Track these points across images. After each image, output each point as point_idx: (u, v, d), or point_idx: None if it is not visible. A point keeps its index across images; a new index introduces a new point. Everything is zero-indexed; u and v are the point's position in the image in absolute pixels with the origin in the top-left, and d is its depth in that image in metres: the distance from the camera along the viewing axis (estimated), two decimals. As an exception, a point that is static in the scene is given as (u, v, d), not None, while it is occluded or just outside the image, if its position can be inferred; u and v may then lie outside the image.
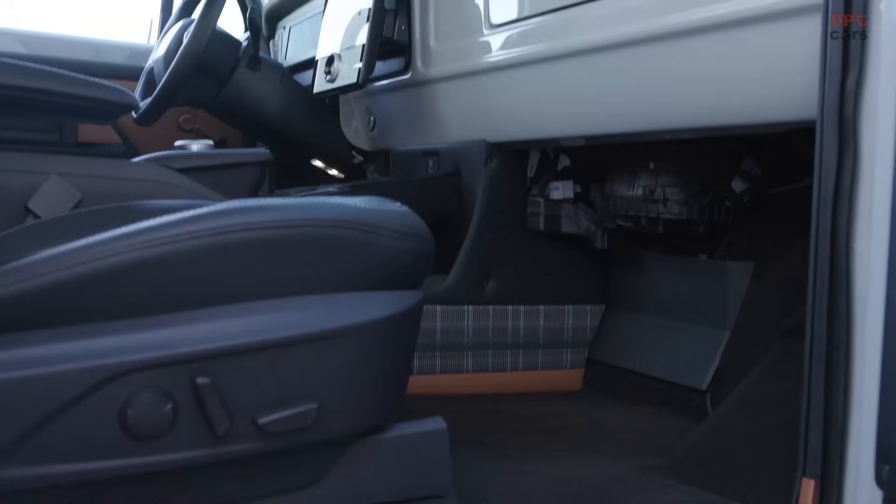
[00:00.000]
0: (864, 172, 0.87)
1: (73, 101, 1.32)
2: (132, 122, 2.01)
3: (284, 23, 2.46)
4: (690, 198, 1.44)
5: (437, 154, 1.77)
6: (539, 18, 1.39)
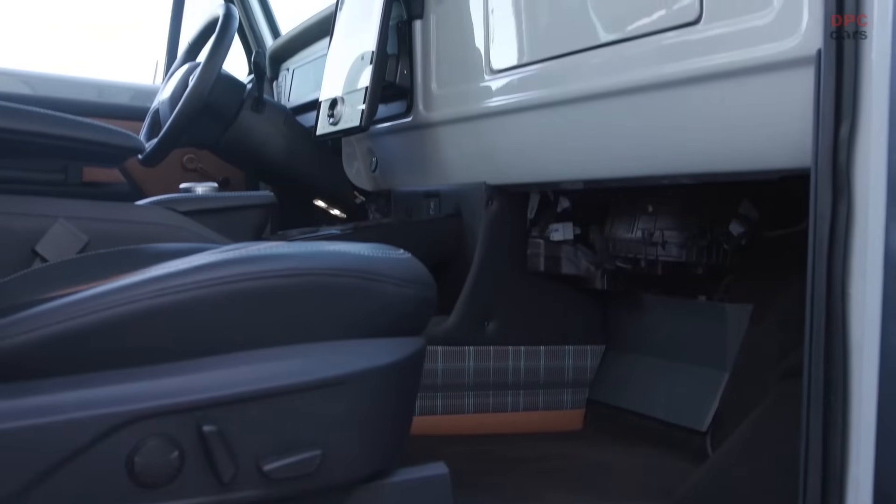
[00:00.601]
0: (859, 219, 0.89)
1: (80, 144, 1.34)
2: (137, 163, 2.04)
3: (288, 64, 2.50)
4: (689, 241, 1.45)
5: (438, 195, 1.79)
6: (539, 65, 1.42)
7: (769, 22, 1.03)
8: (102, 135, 1.34)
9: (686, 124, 1.18)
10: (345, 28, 1.88)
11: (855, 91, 0.90)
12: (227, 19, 1.92)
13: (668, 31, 1.17)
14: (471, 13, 1.60)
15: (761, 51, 1.03)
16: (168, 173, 2.34)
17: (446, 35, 1.68)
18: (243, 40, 2.65)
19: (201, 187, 1.61)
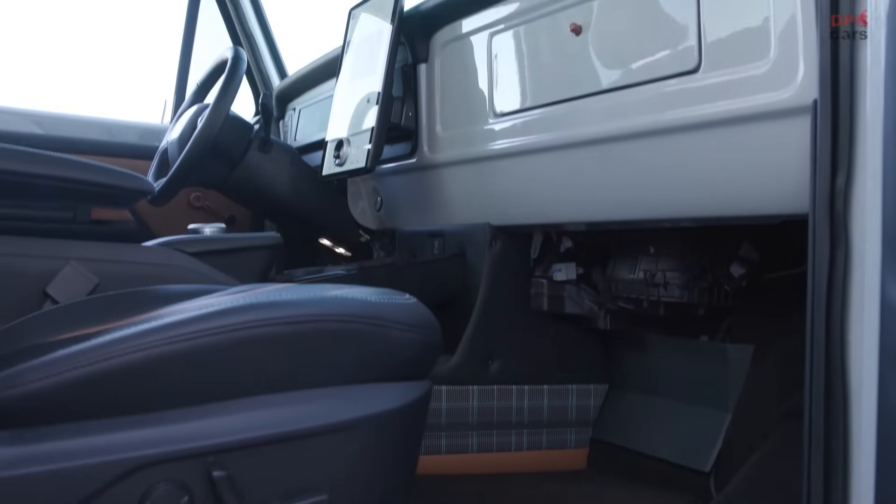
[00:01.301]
0: (856, 266, 0.91)
1: (92, 187, 1.37)
2: (146, 201, 2.06)
3: (294, 104, 2.53)
4: (690, 282, 1.47)
5: (442, 235, 1.81)
6: (542, 109, 1.45)
7: (766, 72, 1.05)
8: (114, 178, 1.36)
9: (686, 170, 1.20)
10: (351, 70, 1.92)
11: (851, 141, 0.92)
12: (236, 62, 1.95)
13: (667, 78, 1.20)
14: (474, 58, 1.63)
15: (759, 100, 1.06)
16: (175, 211, 2.36)
17: (451, 79, 1.71)
18: (251, 82, 2.70)
19: (209, 228, 1.64)
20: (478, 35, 1.61)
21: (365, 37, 1.88)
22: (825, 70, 0.93)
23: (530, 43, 1.49)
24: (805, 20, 1.00)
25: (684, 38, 1.17)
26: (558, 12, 1.40)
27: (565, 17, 1.38)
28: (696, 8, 1.15)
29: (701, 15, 1.14)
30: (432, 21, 1.73)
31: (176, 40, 2.74)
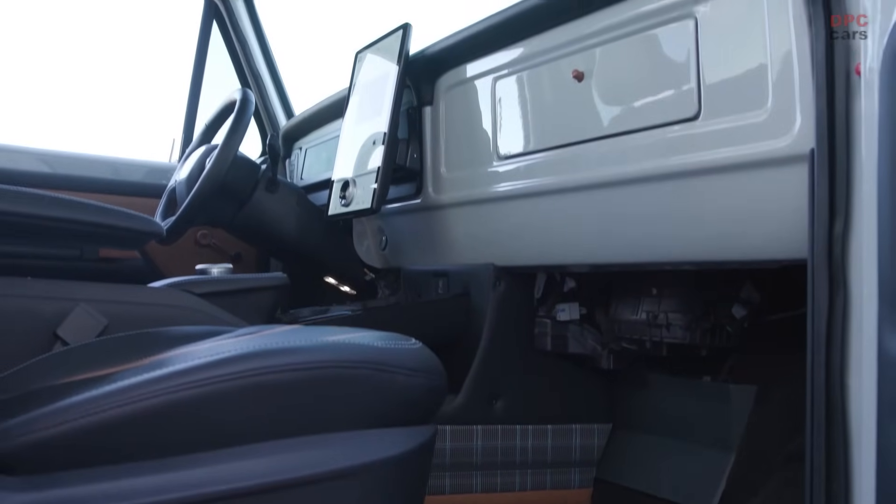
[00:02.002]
0: (854, 313, 0.92)
1: (103, 230, 1.39)
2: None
3: (300, 144, 2.57)
4: (692, 323, 1.49)
5: (446, 275, 1.83)
6: (545, 153, 1.47)
7: (764, 120, 1.08)
8: (124, 220, 1.38)
9: (688, 214, 1.22)
10: (357, 112, 1.95)
11: (848, 188, 0.94)
12: (245, 104, 1.99)
13: (668, 125, 1.22)
14: (479, 101, 1.66)
15: (758, 147, 1.08)
16: (182, 248, 2.39)
17: (455, 121, 1.74)
18: (258, 121, 2.74)
19: (217, 269, 1.66)
20: (482, 79, 1.65)
21: (371, 79, 1.92)
22: (822, 120, 0.96)
23: (533, 88, 1.52)
24: (801, 71, 1.02)
25: (684, 85, 1.19)
26: (560, 59, 1.43)
27: (567, 64, 1.41)
28: (695, 56, 1.18)
29: (700, 63, 1.17)
30: (437, 65, 1.76)
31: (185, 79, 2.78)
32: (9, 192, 1.32)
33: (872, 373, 0.85)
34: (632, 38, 1.29)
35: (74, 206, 1.40)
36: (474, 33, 1.62)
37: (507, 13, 1.52)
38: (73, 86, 3.49)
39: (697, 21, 1.18)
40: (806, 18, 1.00)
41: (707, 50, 1.17)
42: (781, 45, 1.05)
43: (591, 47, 1.37)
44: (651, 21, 1.25)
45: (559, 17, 1.42)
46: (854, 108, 0.93)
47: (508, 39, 1.55)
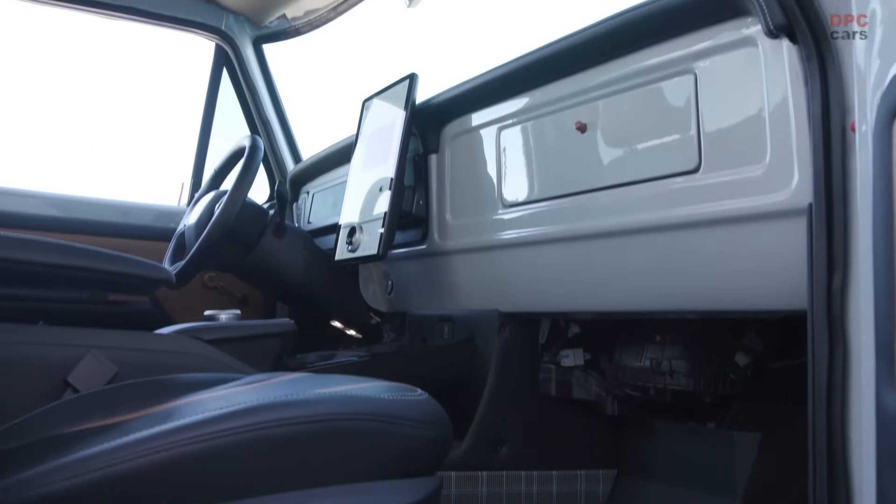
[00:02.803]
0: (854, 365, 0.94)
1: (114, 277, 1.41)
2: (160, 283, 2.11)
3: (307, 188, 2.60)
4: (696, 370, 1.50)
5: (452, 320, 1.84)
6: (550, 202, 1.50)
7: (762, 174, 1.10)
8: (136, 268, 1.41)
9: (690, 265, 1.24)
10: (364, 159, 1.98)
11: (846, 243, 0.96)
12: (254, 151, 2.02)
13: (670, 177, 1.25)
14: (484, 150, 1.69)
15: (757, 201, 1.11)
16: (189, 291, 2.40)
17: (461, 169, 1.77)
18: (267, 167, 2.77)
19: (225, 315, 1.68)
20: (487, 128, 1.68)
21: (378, 127, 1.96)
22: (819, 176, 0.98)
23: (537, 138, 1.55)
24: (798, 127, 1.05)
25: (685, 139, 1.22)
26: (564, 110, 1.46)
27: (570, 115, 1.44)
28: (695, 111, 1.21)
29: (700, 118, 1.20)
30: (443, 114, 1.80)
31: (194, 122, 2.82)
32: (18, 240, 1.35)
33: (871, 430, 0.86)
34: (633, 91, 1.32)
35: (86, 254, 1.42)
36: (479, 84, 1.65)
37: (511, 66, 1.55)
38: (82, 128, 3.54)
39: (697, 76, 1.21)
40: (802, 76, 1.02)
41: (707, 105, 1.19)
42: (778, 102, 1.08)
43: (594, 100, 1.40)
44: (652, 76, 1.28)
45: (562, 70, 1.46)
46: (850, 165, 0.96)
47: (513, 91, 1.59)
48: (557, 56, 1.45)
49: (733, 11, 1.13)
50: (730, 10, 1.13)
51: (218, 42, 2.73)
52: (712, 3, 1.14)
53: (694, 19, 1.19)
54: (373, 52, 3.43)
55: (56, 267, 1.39)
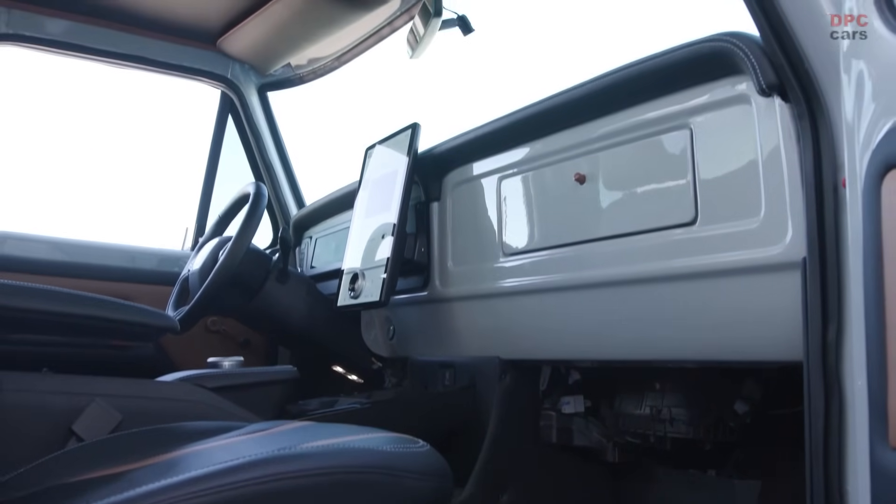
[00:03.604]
0: (850, 418, 0.95)
1: (121, 325, 1.43)
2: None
3: (310, 233, 2.63)
4: (695, 418, 1.51)
5: (453, 366, 1.85)
6: (550, 251, 1.52)
7: (757, 228, 1.13)
8: (142, 316, 1.43)
9: (687, 315, 1.26)
10: (366, 206, 2.01)
11: (840, 296, 0.98)
12: (258, 198, 2.05)
13: (667, 229, 1.27)
14: (485, 199, 1.72)
15: (752, 254, 1.13)
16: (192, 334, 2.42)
17: (462, 217, 1.80)
18: (270, 213, 2.81)
19: (228, 361, 1.69)
20: (488, 178, 1.71)
21: (380, 175, 1.99)
22: (812, 231, 1.00)
23: (538, 188, 1.58)
24: (791, 182, 1.08)
25: (682, 191, 1.25)
26: (563, 161, 1.49)
27: (570, 167, 1.47)
28: (691, 164, 1.23)
29: (696, 171, 1.23)
30: (445, 162, 1.83)
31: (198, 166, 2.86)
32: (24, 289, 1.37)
33: (867, 480, 0.88)
34: (631, 144, 1.35)
35: (92, 303, 1.44)
36: (480, 135, 1.68)
37: (512, 117, 1.58)
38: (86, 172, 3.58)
39: (693, 131, 1.24)
40: (794, 134, 1.05)
41: (703, 159, 1.22)
42: (772, 157, 1.11)
43: (593, 152, 1.43)
44: (649, 129, 1.31)
45: (562, 123, 1.49)
46: (842, 220, 0.98)
47: (513, 141, 1.62)
48: (557, 109, 1.48)
49: (727, 70, 1.16)
50: (724, 69, 1.16)
51: (224, 90, 2.78)
52: (706, 62, 1.18)
53: (689, 76, 1.22)
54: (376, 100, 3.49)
55: (62, 315, 1.42)
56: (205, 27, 2.56)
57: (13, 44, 2.42)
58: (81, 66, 2.66)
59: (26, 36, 2.41)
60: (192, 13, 2.49)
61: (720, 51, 1.13)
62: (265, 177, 2.78)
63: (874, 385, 0.83)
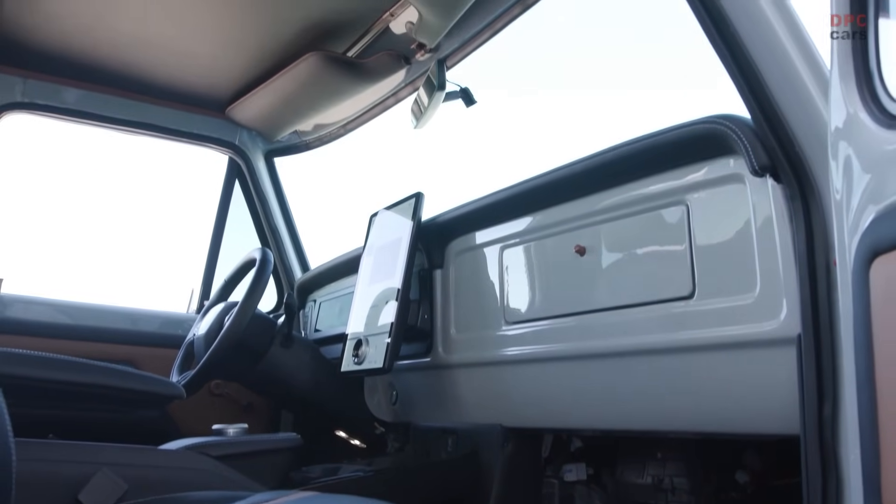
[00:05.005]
0: (846, 491, 0.97)
1: (128, 394, 1.45)
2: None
3: (315, 296, 2.65)
4: (697, 488, 1.51)
5: (455, 433, 1.86)
6: (551, 320, 1.54)
7: (752, 304, 1.15)
8: (149, 384, 1.45)
9: (686, 387, 1.27)
10: (370, 272, 2.04)
11: (835, 372, 1.00)
12: (264, 265, 2.09)
13: (665, 302, 1.30)
14: (487, 267, 1.75)
15: (748, 329, 1.15)
16: (195, 397, 2.43)
17: (465, 285, 1.83)
18: (275, 277, 2.84)
19: (232, 429, 1.71)
20: (490, 247, 1.74)
21: (385, 242, 2.02)
22: (806, 309, 1.03)
23: (539, 258, 1.61)
24: (784, 259, 1.11)
25: (679, 265, 1.28)
26: (564, 233, 1.53)
27: (570, 238, 1.50)
28: (688, 240, 1.27)
29: (693, 246, 1.26)
30: (448, 231, 1.86)
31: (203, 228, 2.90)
32: (32, 358, 1.40)
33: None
34: (630, 218, 1.39)
35: (101, 372, 1.47)
36: (483, 205, 1.72)
37: (514, 189, 1.62)
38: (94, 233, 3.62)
39: (689, 207, 1.27)
40: (786, 214, 1.09)
41: (699, 234, 1.26)
42: (766, 235, 1.14)
43: (593, 224, 1.46)
44: (647, 204, 1.35)
45: (562, 196, 1.53)
46: (835, 298, 1.01)
47: (515, 212, 1.66)
48: (559, 182, 1.52)
49: (721, 150, 1.20)
50: (718, 149, 1.20)
51: (231, 156, 2.83)
52: (702, 142, 1.22)
53: (685, 155, 1.26)
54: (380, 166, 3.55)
55: (69, 384, 1.44)
56: (214, 96, 2.62)
57: (28, 112, 2.48)
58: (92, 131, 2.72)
59: (40, 104, 2.48)
60: (203, 82, 2.55)
61: (714, 132, 1.17)
62: (271, 241, 2.82)
63: (868, 460, 0.84)
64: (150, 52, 2.38)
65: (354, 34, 2.23)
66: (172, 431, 2.01)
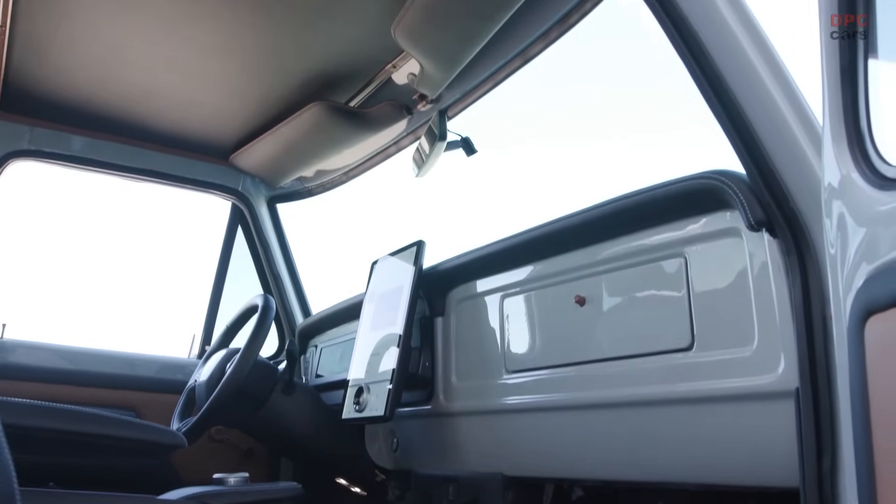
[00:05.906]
0: (847, 547, 0.97)
1: (130, 444, 1.45)
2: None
3: (316, 342, 2.66)
4: (698, 538, 1.51)
5: (456, 481, 1.86)
6: (551, 370, 1.55)
7: (750, 356, 1.16)
8: (151, 434, 1.46)
9: (685, 439, 1.28)
10: (371, 319, 2.05)
11: (833, 426, 1.01)
12: (266, 311, 2.10)
13: (664, 353, 1.31)
14: (488, 316, 1.76)
15: (746, 381, 1.16)
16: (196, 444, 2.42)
17: (465, 333, 1.84)
18: (277, 324, 2.85)
19: (233, 478, 1.70)
20: (491, 296, 1.76)
21: (386, 289, 2.04)
22: (804, 363, 1.04)
23: (539, 308, 1.62)
24: (781, 312, 1.12)
25: (678, 317, 1.29)
26: (564, 283, 1.54)
27: (570, 289, 1.52)
28: (686, 292, 1.28)
29: (691, 298, 1.27)
30: (449, 279, 1.88)
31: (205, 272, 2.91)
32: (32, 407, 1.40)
33: None
34: (629, 270, 1.40)
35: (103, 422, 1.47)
36: (484, 254, 1.74)
37: (515, 239, 1.64)
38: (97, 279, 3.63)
39: (687, 259, 1.29)
40: (783, 268, 1.10)
41: (697, 286, 1.27)
42: (762, 288, 1.15)
43: (592, 275, 1.48)
44: (646, 256, 1.37)
45: (562, 246, 1.54)
46: (832, 351, 1.02)
47: (516, 262, 1.67)
48: (559, 233, 1.54)
49: (718, 204, 1.22)
50: (715, 203, 1.22)
51: (234, 202, 2.86)
52: (699, 196, 1.24)
53: (683, 209, 1.28)
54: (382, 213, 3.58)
55: (72, 434, 1.44)
56: (218, 143, 2.66)
57: (35, 159, 2.52)
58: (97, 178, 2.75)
59: (47, 152, 2.51)
60: (207, 130, 2.59)
61: (711, 188, 1.20)
62: (272, 286, 2.83)
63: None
64: (155, 101, 2.42)
65: (357, 85, 2.27)
66: (173, 479, 2.00)
